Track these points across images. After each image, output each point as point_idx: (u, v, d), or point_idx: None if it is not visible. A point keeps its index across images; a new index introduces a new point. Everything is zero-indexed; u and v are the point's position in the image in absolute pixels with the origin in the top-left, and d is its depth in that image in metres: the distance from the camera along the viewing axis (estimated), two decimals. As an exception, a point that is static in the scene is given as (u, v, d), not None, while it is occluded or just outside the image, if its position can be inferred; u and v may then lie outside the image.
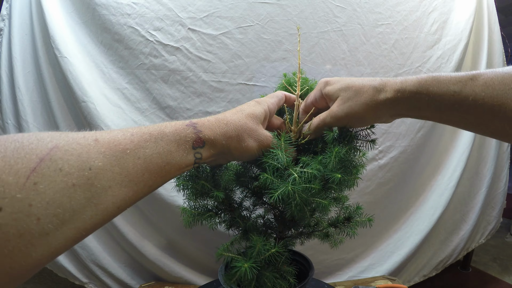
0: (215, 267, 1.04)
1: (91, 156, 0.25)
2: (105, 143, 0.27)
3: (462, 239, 1.25)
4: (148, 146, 0.29)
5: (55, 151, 0.23)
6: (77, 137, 0.25)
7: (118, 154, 0.27)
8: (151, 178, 0.29)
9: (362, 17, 1.01)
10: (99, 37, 0.96)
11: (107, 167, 0.25)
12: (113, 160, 0.26)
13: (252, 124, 0.41)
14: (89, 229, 0.25)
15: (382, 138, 1.06)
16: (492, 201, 1.32)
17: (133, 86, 0.96)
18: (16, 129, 1.01)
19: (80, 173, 0.23)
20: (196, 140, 0.34)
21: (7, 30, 1.00)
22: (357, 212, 0.53)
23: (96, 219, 0.25)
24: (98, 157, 0.25)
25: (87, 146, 0.25)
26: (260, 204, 0.54)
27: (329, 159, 0.42)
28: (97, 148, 0.26)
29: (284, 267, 0.51)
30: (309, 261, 0.60)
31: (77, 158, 0.24)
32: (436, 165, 1.19)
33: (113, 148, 0.27)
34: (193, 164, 0.35)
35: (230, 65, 0.95)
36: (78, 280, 1.03)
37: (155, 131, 0.31)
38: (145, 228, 1.01)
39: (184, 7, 0.93)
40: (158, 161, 0.30)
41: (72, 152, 0.24)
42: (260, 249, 0.45)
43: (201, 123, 0.36)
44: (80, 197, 0.23)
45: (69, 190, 0.22)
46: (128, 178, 0.27)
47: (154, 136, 0.31)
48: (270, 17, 0.95)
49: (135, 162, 0.28)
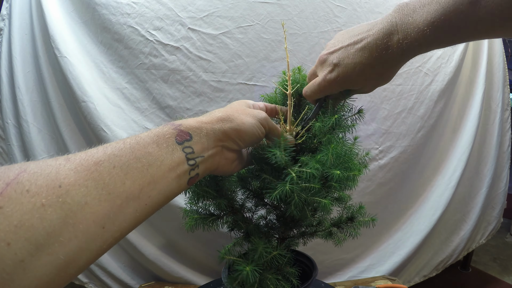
0: (215, 267, 1.03)
1: (60, 173, 0.23)
2: (76, 160, 0.25)
3: (462, 239, 1.24)
4: (123, 153, 0.27)
5: (23, 174, 0.22)
6: (48, 160, 0.24)
7: (90, 167, 0.25)
8: (136, 186, 0.26)
9: (363, 17, 1.01)
10: (99, 37, 0.96)
11: (79, 182, 0.23)
12: (86, 174, 0.24)
13: (236, 106, 0.40)
14: (70, 254, 0.22)
15: (382, 138, 1.06)
16: (493, 201, 1.31)
17: (133, 85, 0.96)
18: (16, 129, 1.00)
19: (49, 191, 0.22)
20: (178, 134, 0.31)
21: (7, 30, 1.00)
22: (360, 212, 0.53)
23: (77, 241, 0.22)
24: (68, 174, 0.23)
25: (56, 166, 0.23)
26: (262, 205, 0.53)
27: (326, 156, 0.41)
28: (67, 166, 0.24)
29: (287, 268, 0.50)
30: (313, 262, 0.59)
31: (45, 177, 0.22)
32: (436, 165, 1.18)
33: (84, 163, 0.25)
34: (187, 161, 0.31)
35: (230, 65, 0.95)
36: (78, 280, 1.03)
37: (129, 139, 0.29)
38: (145, 228, 1.01)
39: (184, 7, 0.92)
40: (137, 165, 0.27)
41: (40, 173, 0.22)
42: (261, 252, 0.44)
43: (180, 120, 0.34)
44: (52, 217, 0.21)
45: (38, 211, 0.21)
46: (106, 190, 0.24)
47: (129, 143, 0.28)
48: (270, 16, 0.95)
49: (110, 172, 0.25)
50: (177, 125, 0.32)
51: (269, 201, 0.52)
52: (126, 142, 0.28)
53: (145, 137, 0.29)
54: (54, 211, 0.21)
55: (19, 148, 1.00)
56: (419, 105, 1.08)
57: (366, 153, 0.48)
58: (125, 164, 0.26)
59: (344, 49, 0.39)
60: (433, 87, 1.09)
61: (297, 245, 0.57)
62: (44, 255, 0.20)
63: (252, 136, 0.38)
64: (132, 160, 0.27)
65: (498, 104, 1.25)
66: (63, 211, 0.22)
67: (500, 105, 1.25)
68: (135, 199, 0.26)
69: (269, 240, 0.49)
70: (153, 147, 0.29)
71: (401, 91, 1.05)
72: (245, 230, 0.51)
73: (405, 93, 1.06)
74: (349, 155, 0.45)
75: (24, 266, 0.20)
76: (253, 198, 0.52)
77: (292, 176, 0.39)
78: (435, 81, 1.09)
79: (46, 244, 0.21)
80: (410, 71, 1.06)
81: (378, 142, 1.05)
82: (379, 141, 1.05)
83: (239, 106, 0.40)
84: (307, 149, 0.48)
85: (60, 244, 0.21)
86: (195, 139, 0.32)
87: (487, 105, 1.25)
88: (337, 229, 0.55)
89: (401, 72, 1.05)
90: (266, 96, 0.55)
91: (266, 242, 0.47)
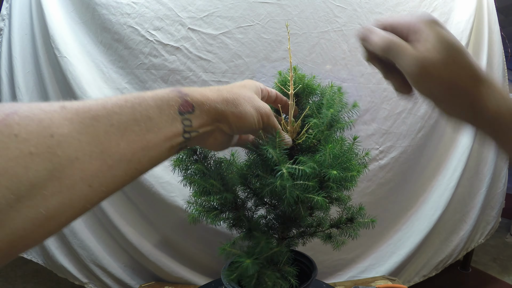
0: (215, 267, 1.03)
1: (54, 122, 0.21)
2: (73, 109, 0.23)
3: (462, 239, 1.24)
4: (123, 112, 0.25)
5: (13, 116, 0.20)
6: (42, 105, 0.22)
7: (87, 121, 0.23)
8: (130, 149, 0.25)
9: (363, 17, 1.00)
10: (98, 37, 0.95)
11: (73, 134, 0.22)
12: (81, 127, 0.22)
13: (246, 91, 0.38)
14: (51, 209, 0.21)
15: (382, 138, 1.05)
16: (492, 201, 1.31)
17: (132, 86, 0.96)
18: None
19: (40, 140, 0.20)
20: (183, 104, 0.30)
21: (7, 30, 0.99)
22: (359, 213, 0.52)
23: (60, 197, 0.21)
24: (63, 124, 0.21)
25: (51, 112, 0.21)
26: (262, 204, 0.53)
27: (324, 156, 0.41)
28: (62, 115, 0.22)
29: (286, 268, 0.50)
30: (313, 262, 0.59)
31: (37, 124, 0.20)
32: (436, 166, 1.18)
33: (81, 114, 0.23)
34: (183, 134, 0.30)
35: (230, 65, 0.94)
36: (78, 280, 1.02)
37: (132, 97, 0.27)
38: (145, 228, 1.00)
39: (184, 7, 0.92)
40: (135, 129, 0.25)
41: (32, 118, 0.20)
42: (263, 247, 0.44)
43: (187, 88, 0.32)
44: (39, 168, 0.20)
45: (25, 159, 0.19)
46: (99, 148, 0.23)
47: (131, 101, 0.26)
48: (271, 16, 0.94)
49: (107, 130, 0.24)
50: (183, 93, 0.31)
51: (268, 200, 0.52)
52: (128, 99, 0.26)
53: (149, 99, 0.28)
54: (42, 162, 0.20)
55: (19, 148, 1.00)
56: (419, 105, 1.07)
57: (366, 153, 0.47)
58: (123, 124, 0.25)
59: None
60: (433, 87, 1.08)
61: (296, 245, 0.57)
62: (24, 207, 0.19)
63: (248, 127, 0.37)
64: (131, 122, 0.25)
65: (498, 104, 1.25)
66: (51, 163, 0.20)
67: (500, 105, 1.25)
68: (127, 162, 0.25)
69: (269, 238, 0.49)
70: (155, 111, 0.27)
71: (401, 91, 1.05)
72: (247, 226, 0.50)
73: (405, 93, 1.05)
74: (348, 155, 0.44)
75: (0, 218, 0.18)
76: (253, 197, 0.52)
77: (283, 172, 0.38)
78: (435, 81, 1.08)
79: (28, 195, 0.19)
80: (410, 71, 1.05)
81: (378, 142, 1.04)
82: (379, 141, 1.05)
83: (249, 91, 0.38)
84: (307, 149, 0.48)
85: (43, 198, 0.20)
86: (196, 113, 0.31)
87: (487, 105, 1.24)
88: (337, 230, 0.54)
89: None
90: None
91: (268, 237, 0.47)
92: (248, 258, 0.42)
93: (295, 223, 0.52)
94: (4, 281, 1.49)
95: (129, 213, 0.99)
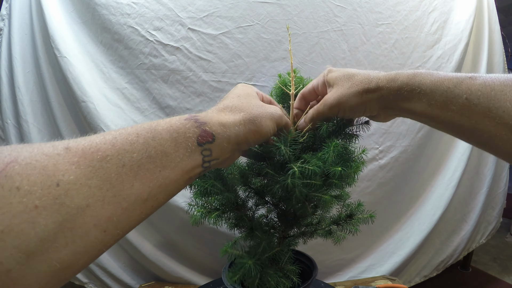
0: (215, 267, 1.02)
1: (59, 168, 0.19)
2: (79, 151, 0.21)
3: (462, 240, 1.23)
4: (135, 149, 0.23)
5: (13, 165, 0.18)
6: (44, 147, 0.20)
7: (95, 163, 0.21)
8: (145, 189, 0.23)
9: (362, 16, 1.00)
10: (99, 37, 0.95)
11: (81, 180, 0.20)
12: (89, 171, 0.21)
13: (255, 100, 0.37)
14: (66, 260, 0.19)
15: (382, 138, 1.05)
16: (493, 201, 1.30)
17: (132, 86, 0.95)
18: (16, 129, 1.00)
19: (45, 191, 0.18)
20: (201, 135, 0.28)
21: (7, 30, 0.99)
22: (358, 209, 0.53)
23: (74, 247, 0.19)
24: (69, 169, 0.20)
25: (55, 156, 0.20)
26: (263, 204, 0.53)
27: (327, 154, 0.41)
28: (68, 159, 0.20)
29: (288, 266, 0.50)
30: (313, 261, 0.59)
31: (41, 172, 0.19)
32: (436, 165, 1.18)
33: (89, 156, 0.21)
34: (202, 164, 0.28)
35: (230, 65, 0.94)
36: (78, 280, 1.02)
37: (143, 130, 0.25)
38: (145, 228, 1.00)
39: (184, 7, 0.92)
40: (150, 167, 0.24)
41: (34, 165, 0.19)
42: (265, 247, 0.44)
43: (203, 115, 0.30)
44: (47, 221, 0.18)
45: (30, 214, 0.17)
46: (111, 192, 0.21)
47: (143, 136, 0.24)
48: (270, 16, 0.94)
49: (119, 171, 0.22)
50: (201, 122, 0.29)
51: (269, 199, 0.52)
52: (139, 134, 0.24)
53: (163, 132, 0.26)
54: (50, 215, 0.18)
55: (19, 148, 1.00)
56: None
57: (363, 150, 0.48)
58: (136, 163, 0.23)
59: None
60: (433, 87, 1.08)
61: (296, 245, 0.57)
62: (35, 263, 0.18)
63: (265, 138, 0.36)
64: (145, 160, 0.23)
65: (498, 104, 1.24)
66: (60, 214, 0.19)
67: (500, 105, 1.24)
68: (142, 201, 0.23)
69: (270, 238, 0.49)
70: (171, 146, 0.25)
71: (401, 91, 1.04)
72: (249, 226, 0.50)
73: (405, 93, 1.05)
74: (348, 153, 0.45)
75: (11, 277, 0.17)
76: (254, 196, 0.52)
77: (295, 170, 0.39)
78: (435, 81, 1.08)
79: (39, 251, 0.18)
80: (410, 71, 1.05)
81: (378, 142, 1.04)
82: (379, 141, 1.04)
83: (256, 99, 0.38)
84: (308, 148, 0.48)
85: (55, 250, 0.19)
86: (216, 142, 0.29)
87: (487, 105, 1.24)
88: (337, 226, 0.55)
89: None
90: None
91: (270, 237, 0.46)
92: (250, 259, 0.42)
93: (297, 221, 0.52)
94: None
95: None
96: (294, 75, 0.50)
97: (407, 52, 1.04)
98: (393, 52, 1.03)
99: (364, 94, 0.37)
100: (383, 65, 1.02)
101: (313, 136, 0.46)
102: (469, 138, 0.31)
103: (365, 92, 0.37)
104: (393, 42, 1.03)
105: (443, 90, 0.31)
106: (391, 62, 1.03)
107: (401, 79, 0.34)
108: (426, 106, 0.32)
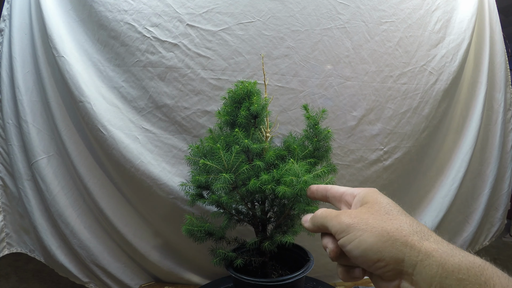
0: (215, 268, 0.97)
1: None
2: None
3: (465, 241, 1.18)
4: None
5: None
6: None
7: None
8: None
9: (366, 14, 0.94)
10: (95, 35, 0.90)
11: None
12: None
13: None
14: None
15: (387, 138, 0.99)
16: (496, 202, 1.25)
17: (129, 84, 0.90)
18: (16, 129, 0.97)
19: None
20: None
21: (8, 31, 0.96)
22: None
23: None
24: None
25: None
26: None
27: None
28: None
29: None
30: (308, 252, 0.69)
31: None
32: (440, 166, 1.12)
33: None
34: None
35: (230, 62, 0.88)
36: (79, 280, 1.00)
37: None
38: (144, 229, 0.97)
39: (183, 3, 0.86)
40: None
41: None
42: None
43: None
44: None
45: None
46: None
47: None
48: (272, 13, 0.89)
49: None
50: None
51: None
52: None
53: None
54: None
55: (20, 148, 0.97)
56: (424, 105, 1.01)
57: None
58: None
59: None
60: (437, 87, 1.02)
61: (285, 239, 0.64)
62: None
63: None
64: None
65: (500, 104, 1.19)
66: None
67: (502, 105, 1.19)
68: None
69: None
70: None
71: (406, 90, 0.99)
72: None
73: (410, 92, 1.00)
74: None
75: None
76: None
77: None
78: (439, 80, 1.03)
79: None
80: (414, 70, 0.99)
81: (383, 143, 0.99)
82: (384, 142, 0.99)
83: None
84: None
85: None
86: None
87: (489, 105, 1.19)
88: None
89: (405, 71, 0.99)
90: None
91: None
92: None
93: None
94: (4, 281, 1.46)
95: (129, 214, 0.96)
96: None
97: (411, 51, 0.99)
98: (397, 51, 0.98)
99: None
100: (387, 63, 0.97)
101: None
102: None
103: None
104: (397, 40, 0.97)
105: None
106: (395, 60, 0.97)
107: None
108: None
